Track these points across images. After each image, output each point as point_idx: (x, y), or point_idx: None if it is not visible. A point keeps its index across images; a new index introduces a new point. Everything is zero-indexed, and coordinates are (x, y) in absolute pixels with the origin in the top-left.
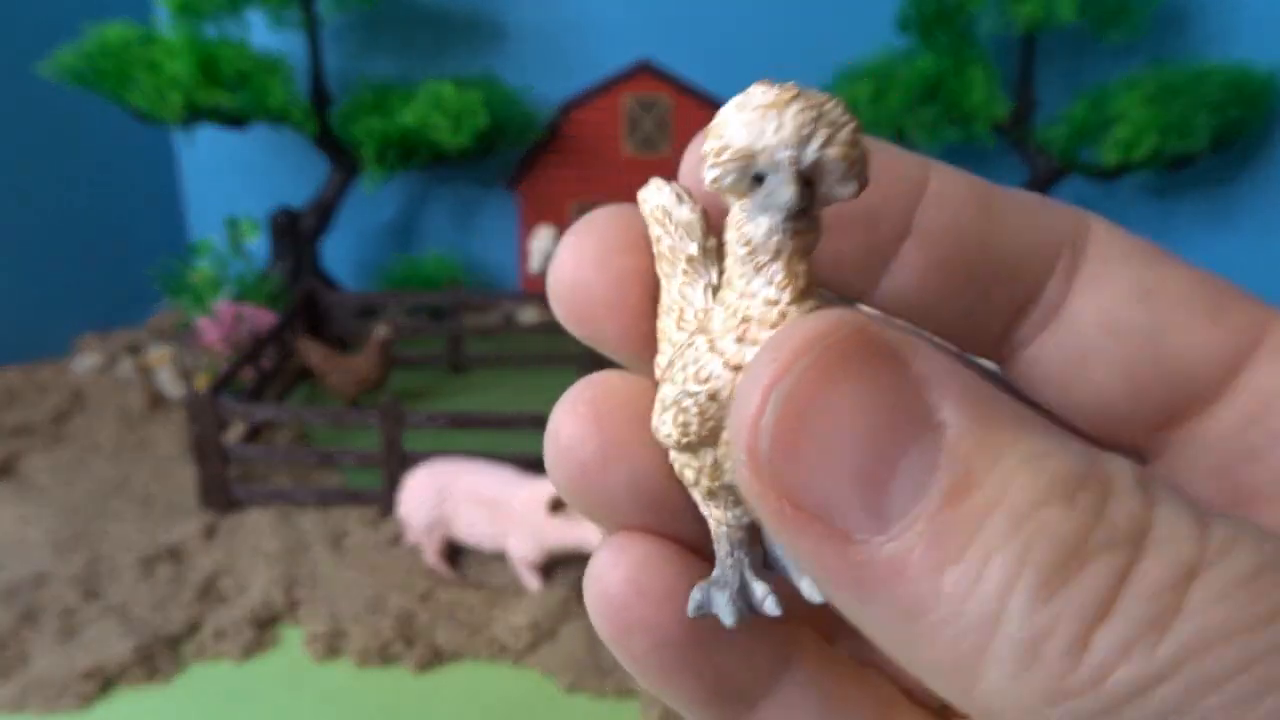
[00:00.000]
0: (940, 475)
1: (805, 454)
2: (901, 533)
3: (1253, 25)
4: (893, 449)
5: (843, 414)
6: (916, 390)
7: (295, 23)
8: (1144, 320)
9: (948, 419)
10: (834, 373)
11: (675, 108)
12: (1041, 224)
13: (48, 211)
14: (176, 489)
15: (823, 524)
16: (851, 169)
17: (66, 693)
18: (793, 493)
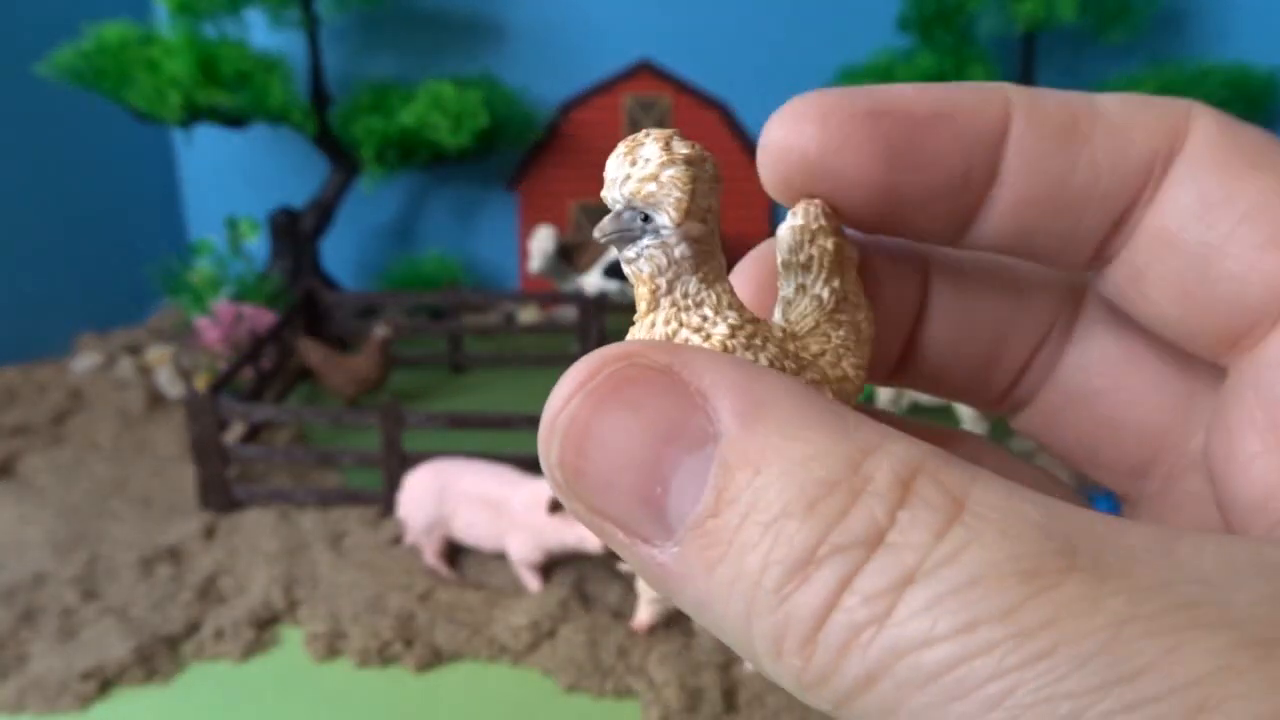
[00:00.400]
0: (709, 485)
1: (589, 478)
2: (681, 539)
3: (1253, 25)
4: (665, 464)
5: (616, 437)
6: (693, 405)
7: (295, 23)
8: (1198, 238)
9: (723, 429)
10: (603, 402)
11: (675, 108)
12: (1134, 139)
13: (47, 211)
14: (176, 489)
15: (625, 532)
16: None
17: (65, 693)
18: (592, 506)
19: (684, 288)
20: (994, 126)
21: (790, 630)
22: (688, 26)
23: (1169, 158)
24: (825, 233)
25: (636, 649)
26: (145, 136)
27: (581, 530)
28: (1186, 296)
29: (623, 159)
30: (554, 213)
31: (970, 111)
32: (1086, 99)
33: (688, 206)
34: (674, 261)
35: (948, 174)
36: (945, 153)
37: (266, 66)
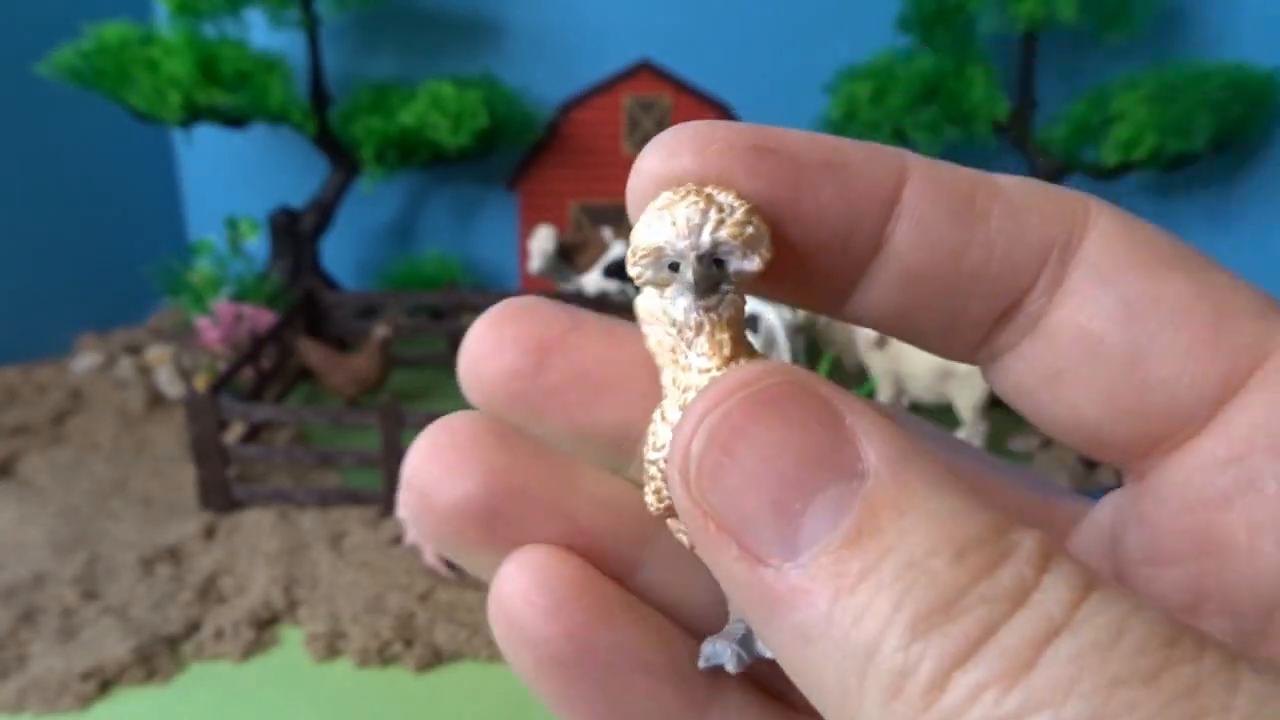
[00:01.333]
0: (851, 516)
1: (729, 478)
2: (808, 562)
3: (1253, 25)
4: (811, 485)
5: (768, 446)
6: (845, 438)
7: (295, 22)
8: (1125, 341)
9: (870, 470)
10: (761, 409)
11: (675, 108)
12: (1032, 224)
13: (47, 211)
14: (176, 489)
15: (739, 544)
16: (746, 245)
17: (65, 693)
18: (715, 513)
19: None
20: (886, 188)
21: (921, 670)
22: (688, 26)
23: (1066, 248)
24: None
25: None
26: (145, 136)
27: None
28: (1110, 400)
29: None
30: (554, 213)
31: (862, 167)
32: (985, 176)
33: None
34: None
35: (830, 230)
36: (830, 207)
37: (266, 66)
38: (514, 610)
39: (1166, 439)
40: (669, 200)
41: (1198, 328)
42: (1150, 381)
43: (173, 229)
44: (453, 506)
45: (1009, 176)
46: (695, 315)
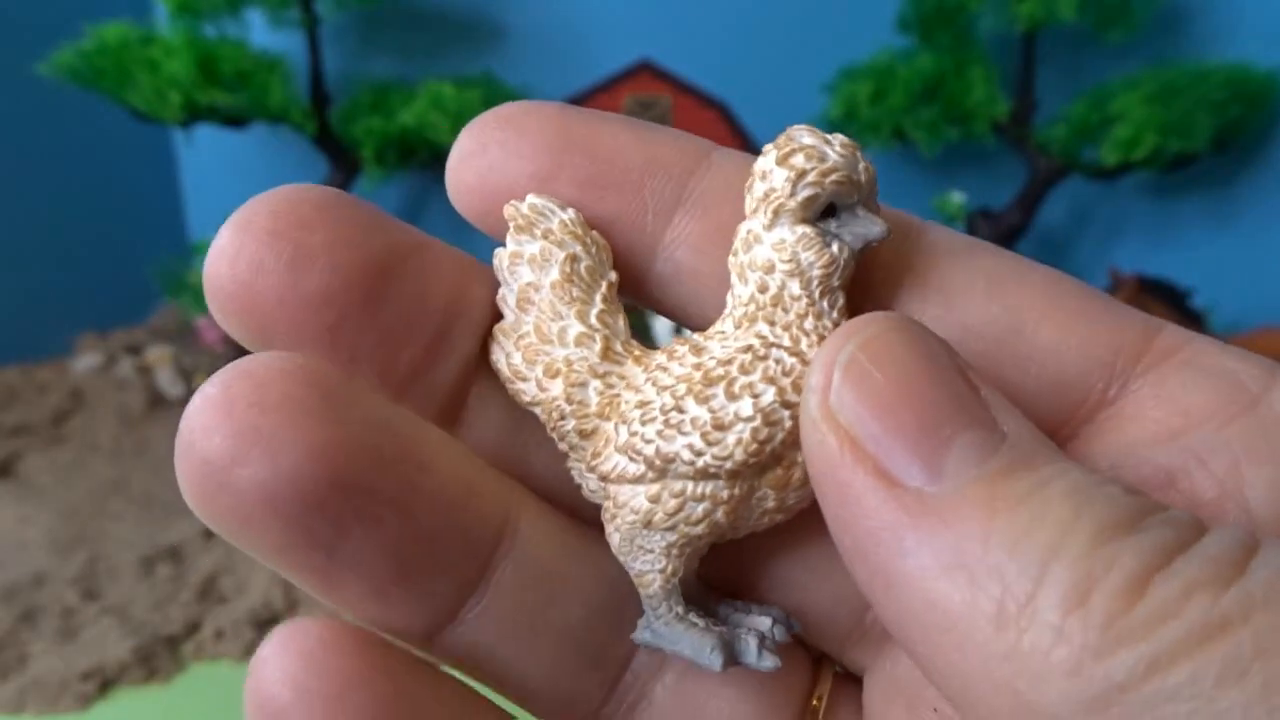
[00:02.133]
0: (1001, 456)
1: (874, 391)
2: (955, 487)
3: (1253, 25)
4: (958, 421)
5: (918, 370)
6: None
7: (295, 22)
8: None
9: (1010, 430)
10: (911, 335)
11: (675, 108)
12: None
13: (47, 211)
14: (176, 489)
15: (875, 466)
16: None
17: (66, 693)
18: (854, 430)
19: None
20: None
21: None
22: (688, 26)
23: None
24: None
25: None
26: (145, 136)
27: None
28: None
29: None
30: None
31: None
32: None
33: None
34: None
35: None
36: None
37: (266, 66)
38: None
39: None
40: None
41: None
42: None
43: (173, 229)
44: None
45: None
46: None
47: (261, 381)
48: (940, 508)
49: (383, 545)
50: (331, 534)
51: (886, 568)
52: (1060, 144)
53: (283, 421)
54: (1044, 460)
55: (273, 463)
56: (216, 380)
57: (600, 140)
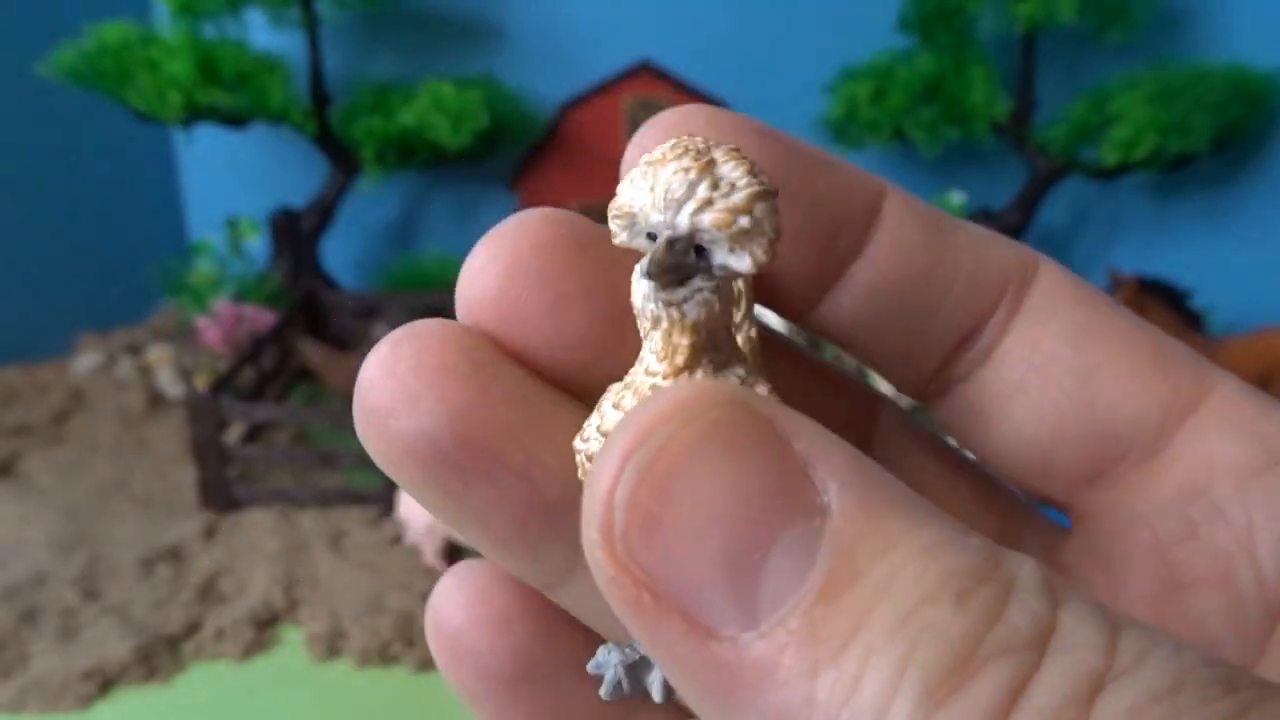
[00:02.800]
0: (820, 564)
1: (665, 533)
2: (772, 629)
3: (1253, 25)
4: (767, 532)
5: (711, 490)
6: (800, 469)
7: (295, 23)
8: (1074, 360)
9: (833, 503)
10: (702, 444)
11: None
12: (991, 258)
13: (48, 211)
14: (176, 489)
15: (683, 617)
16: (735, 240)
17: (66, 693)
18: (650, 578)
19: (717, 339)
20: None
21: None
22: (688, 26)
23: (1023, 283)
24: None
25: None
26: (145, 136)
27: None
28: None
29: (691, 176)
30: None
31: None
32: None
33: (777, 251)
34: (722, 311)
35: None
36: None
37: (267, 67)
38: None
39: (1115, 466)
40: (662, 155)
41: (1142, 355)
42: (1097, 402)
43: (173, 229)
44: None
45: None
46: (653, 307)
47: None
48: (761, 660)
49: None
50: (461, 486)
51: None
52: (1060, 144)
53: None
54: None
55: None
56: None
57: None
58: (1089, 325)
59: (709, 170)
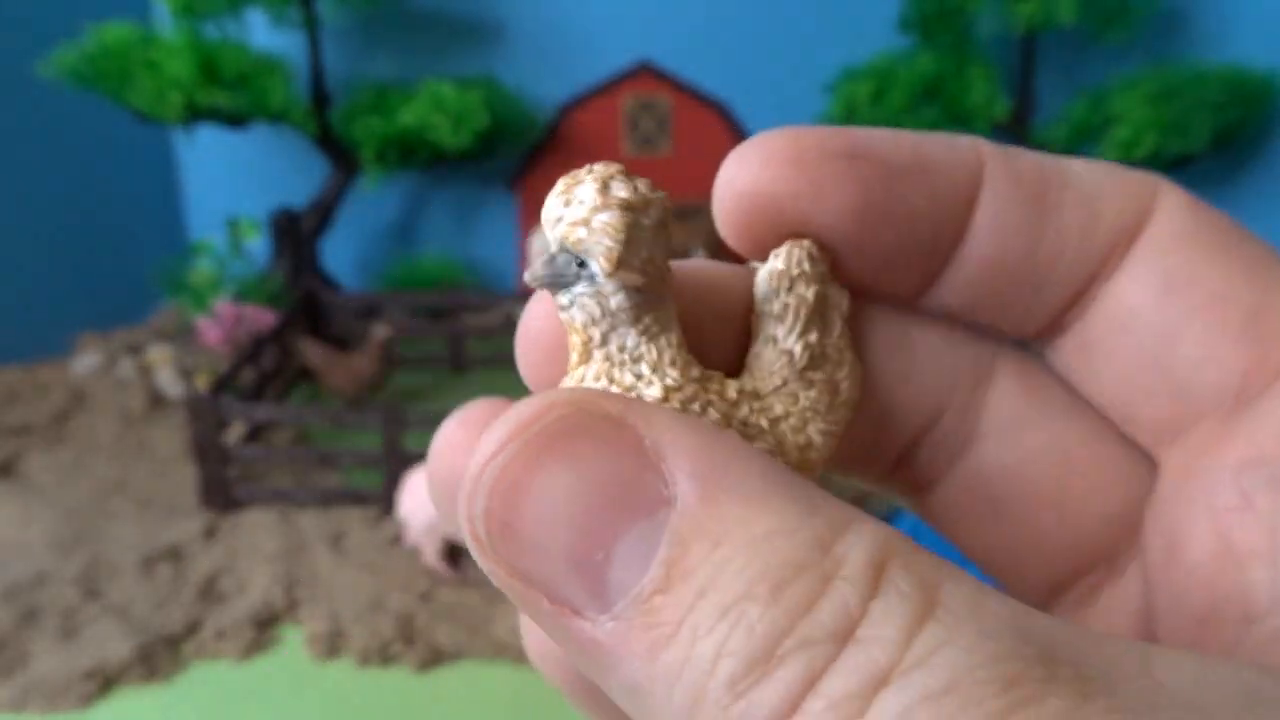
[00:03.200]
0: (660, 555)
1: (520, 535)
2: (620, 614)
3: (1253, 25)
4: (611, 528)
5: (556, 493)
6: (647, 464)
7: (295, 23)
8: (1159, 318)
9: (679, 494)
10: (546, 451)
11: (675, 108)
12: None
13: (48, 211)
14: (176, 489)
15: (550, 601)
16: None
17: (67, 693)
18: (518, 570)
19: (620, 341)
20: (968, 183)
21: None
22: (688, 26)
23: (1134, 233)
24: (807, 280)
25: None
26: (145, 136)
27: None
28: (1138, 376)
29: (558, 198)
30: None
31: (946, 166)
32: (1057, 163)
33: (619, 256)
34: (609, 312)
35: (920, 231)
36: (919, 210)
37: (267, 67)
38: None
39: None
40: (566, 184)
41: (1233, 315)
42: (1177, 361)
43: (173, 229)
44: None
45: (1080, 161)
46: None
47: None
48: (613, 640)
49: None
50: None
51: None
52: (1060, 144)
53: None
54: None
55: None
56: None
57: None
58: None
59: (569, 192)
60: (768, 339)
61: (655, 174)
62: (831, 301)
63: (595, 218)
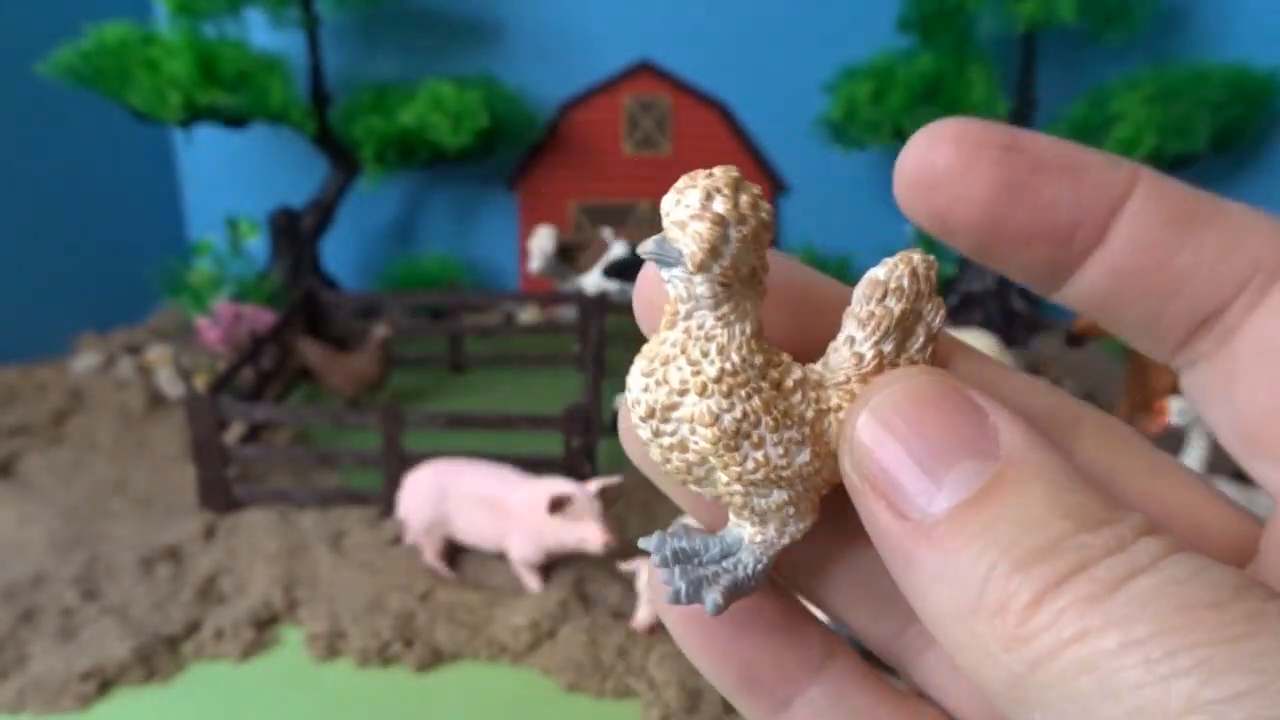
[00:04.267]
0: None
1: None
2: (941, 515)
3: (1253, 25)
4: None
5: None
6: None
7: (295, 22)
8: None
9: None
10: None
11: (675, 107)
12: (1245, 247)
13: (48, 211)
14: (176, 489)
15: (888, 503)
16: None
17: (66, 693)
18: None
19: (700, 320)
20: (1115, 191)
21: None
22: (688, 26)
23: (1275, 274)
24: (899, 295)
25: (636, 649)
26: (145, 136)
27: (581, 530)
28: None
29: (673, 195)
30: (554, 213)
31: (1096, 171)
32: (1213, 197)
33: (701, 261)
34: (693, 295)
35: (1056, 222)
36: (1060, 201)
37: (266, 66)
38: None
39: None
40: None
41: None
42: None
43: (173, 229)
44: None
45: (1238, 202)
46: None
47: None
48: (930, 533)
49: None
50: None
51: (902, 576)
52: None
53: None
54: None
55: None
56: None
57: None
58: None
59: (682, 193)
60: (848, 338)
61: (655, 173)
62: (922, 319)
63: (691, 223)
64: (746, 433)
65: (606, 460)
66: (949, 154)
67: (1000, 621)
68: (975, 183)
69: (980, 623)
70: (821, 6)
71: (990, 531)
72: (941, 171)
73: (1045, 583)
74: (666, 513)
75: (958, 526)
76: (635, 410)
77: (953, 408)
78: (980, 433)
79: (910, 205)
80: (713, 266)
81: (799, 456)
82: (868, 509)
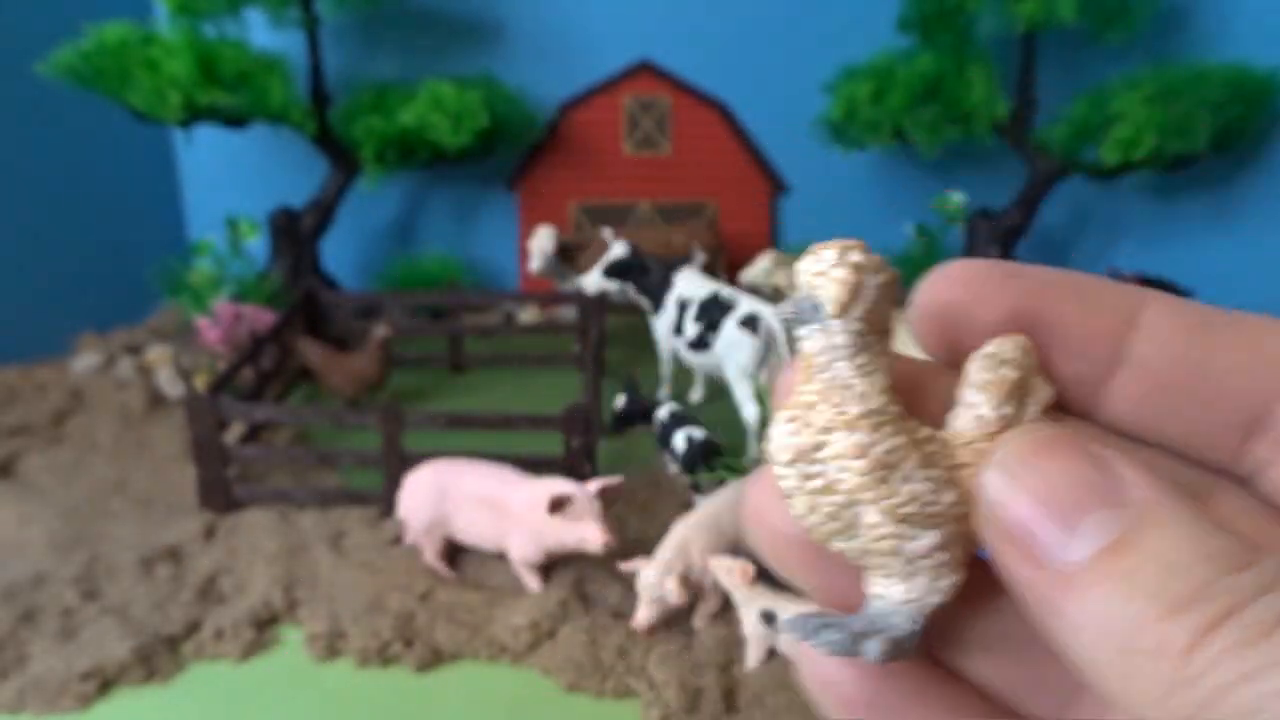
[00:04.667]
0: (1118, 531)
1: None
2: (1082, 563)
3: (1253, 25)
4: (1085, 507)
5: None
6: (1114, 477)
7: (295, 22)
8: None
9: (1135, 500)
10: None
11: (675, 108)
12: (1271, 344)
13: (48, 211)
14: (176, 489)
15: (1025, 553)
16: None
17: (66, 693)
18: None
19: (837, 371)
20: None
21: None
22: (688, 26)
23: None
24: (1013, 365)
25: (636, 649)
26: (145, 136)
27: (581, 530)
28: None
29: (809, 257)
30: (554, 213)
31: (1102, 292)
32: (1220, 308)
33: (845, 302)
34: (832, 346)
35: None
36: (1069, 321)
37: (266, 66)
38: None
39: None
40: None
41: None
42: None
43: (173, 229)
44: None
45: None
46: None
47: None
48: (1071, 581)
49: None
50: None
51: (1047, 625)
52: (1060, 144)
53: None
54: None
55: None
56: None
57: None
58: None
59: (817, 254)
60: (968, 405)
61: (655, 173)
62: (1033, 391)
63: (832, 271)
64: (895, 464)
65: (606, 460)
66: (958, 289)
67: (1161, 665)
68: (985, 311)
69: (1137, 668)
70: (821, 6)
71: (1134, 577)
72: (953, 305)
73: (1199, 626)
74: (666, 512)
75: (1101, 574)
76: (780, 457)
77: (1079, 458)
78: (1109, 481)
79: (927, 340)
80: (852, 310)
81: (946, 495)
82: (1005, 561)
